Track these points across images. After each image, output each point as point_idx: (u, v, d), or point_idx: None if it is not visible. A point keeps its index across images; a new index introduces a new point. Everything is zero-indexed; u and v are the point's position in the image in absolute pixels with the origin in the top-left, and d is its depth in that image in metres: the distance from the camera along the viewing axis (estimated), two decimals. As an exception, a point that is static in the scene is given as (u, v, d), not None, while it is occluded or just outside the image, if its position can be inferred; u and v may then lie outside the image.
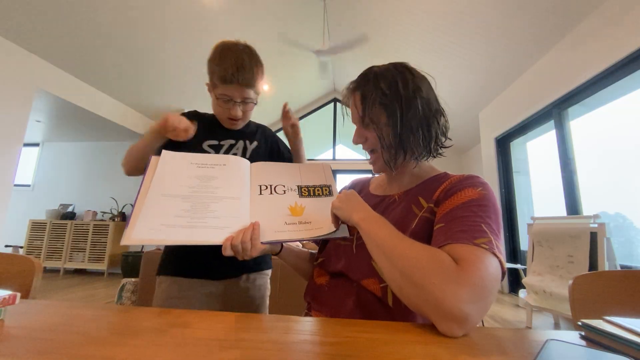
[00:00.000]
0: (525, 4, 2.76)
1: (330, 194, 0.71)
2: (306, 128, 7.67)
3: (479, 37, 3.33)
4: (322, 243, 0.75)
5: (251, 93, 0.86)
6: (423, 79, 0.63)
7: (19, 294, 0.42)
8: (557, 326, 2.51)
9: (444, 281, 0.40)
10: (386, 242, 0.49)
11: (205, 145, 0.89)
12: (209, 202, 0.62)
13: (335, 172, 6.50)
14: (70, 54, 3.31)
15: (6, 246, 4.71)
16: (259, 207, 0.65)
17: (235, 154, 0.90)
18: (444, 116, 0.62)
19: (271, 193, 0.68)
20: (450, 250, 0.45)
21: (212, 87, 0.86)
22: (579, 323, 0.39)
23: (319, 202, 0.68)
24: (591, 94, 2.70)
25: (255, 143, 0.95)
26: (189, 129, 0.78)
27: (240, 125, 0.93)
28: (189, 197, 0.61)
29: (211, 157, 0.70)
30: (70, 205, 5.17)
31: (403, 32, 3.89)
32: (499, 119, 4.07)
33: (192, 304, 0.82)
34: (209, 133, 0.90)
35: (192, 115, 0.93)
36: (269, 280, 0.97)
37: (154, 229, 0.55)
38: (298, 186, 0.71)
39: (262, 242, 0.58)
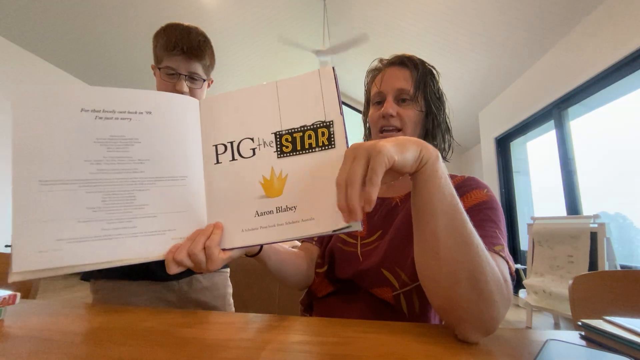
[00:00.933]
0: (525, 3, 2.76)
1: (330, 144, 0.40)
2: (306, 128, 7.59)
3: (479, 36, 3.33)
4: (320, 244, 0.68)
5: (199, 68, 0.77)
6: None
7: (19, 294, 0.42)
8: (557, 326, 2.50)
9: (502, 303, 0.37)
10: (465, 221, 0.37)
11: None
12: (133, 189, 0.38)
13: (335, 172, 6.47)
14: (70, 54, 3.32)
15: (6, 246, 4.70)
16: (217, 189, 0.42)
17: None
18: (451, 132, 0.70)
19: (234, 158, 0.42)
20: None
21: (156, 62, 0.78)
22: (579, 323, 0.39)
23: (310, 163, 0.40)
24: (591, 94, 2.70)
25: None
26: None
27: None
28: (95, 182, 0.37)
29: (120, 95, 0.40)
30: (70, 205, 5.17)
31: (403, 32, 3.89)
32: (499, 119, 4.07)
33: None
34: None
35: None
36: (228, 278, 0.91)
37: (47, 250, 0.34)
38: (276, 134, 0.42)
39: (223, 249, 0.41)
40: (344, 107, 0.45)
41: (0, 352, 0.31)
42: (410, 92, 0.60)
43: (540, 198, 3.72)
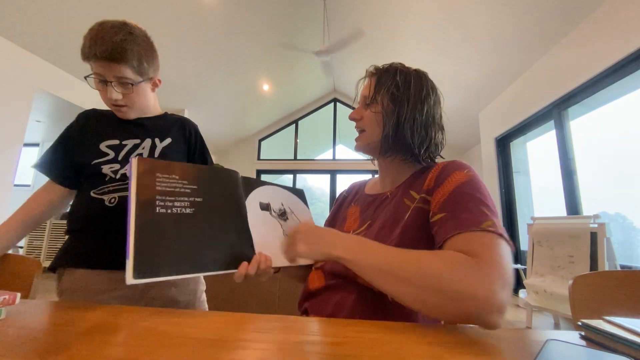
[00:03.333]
0: (525, 3, 2.76)
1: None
2: (306, 128, 7.56)
3: (479, 37, 3.33)
4: None
5: (126, 71, 0.71)
6: (435, 91, 0.66)
7: (19, 294, 0.42)
8: (557, 326, 2.50)
9: (473, 277, 0.40)
10: (390, 263, 0.45)
11: (103, 146, 0.77)
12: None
13: (335, 172, 6.50)
14: (70, 54, 3.31)
15: (6, 246, 4.70)
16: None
17: (140, 154, 0.79)
18: (442, 132, 0.66)
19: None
20: (462, 240, 0.45)
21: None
22: (579, 323, 0.39)
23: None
24: (591, 94, 2.70)
25: (168, 140, 0.83)
26: None
27: (129, 113, 0.80)
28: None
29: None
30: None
31: (403, 33, 3.89)
32: (499, 119, 4.07)
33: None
34: (109, 132, 0.80)
35: (87, 115, 0.84)
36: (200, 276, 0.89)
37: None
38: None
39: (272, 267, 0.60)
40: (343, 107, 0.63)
41: (0, 352, 0.31)
42: (369, 97, 0.66)
43: (540, 198, 3.72)
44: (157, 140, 0.81)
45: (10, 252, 0.77)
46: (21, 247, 4.69)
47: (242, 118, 6.11)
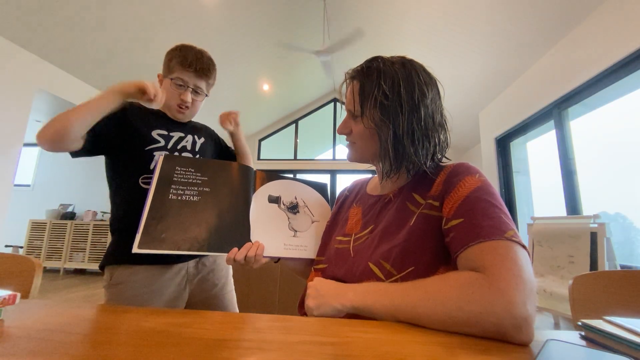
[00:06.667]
0: (525, 3, 2.76)
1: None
2: (306, 128, 7.53)
3: (479, 36, 3.33)
4: (322, 245, 0.74)
5: (203, 84, 0.92)
6: (431, 85, 0.59)
7: (19, 294, 0.42)
8: (557, 326, 2.50)
9: (490, 295, 0.39)
10: (398, 306, 0.44)
11: (154, 133, 0.90)
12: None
13: (335, 172, 6.50)
14: (70, 54, 3.31)
15: (6, 246, 4.70)
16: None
17: (184, 147, 0.93)
18: (445, 130, 0.60)
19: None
20: (486, 248, 0.44)
21: (167, 73, 0.90)
22: (579, 323, 0.39)
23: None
24: (591, 94, 2.70)
25: (202, 139, 0.99)
26: (161, 96, 0.80)
27: (186, 115, 0.95)
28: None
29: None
30: (70, 205, 5.17)
31: (403, 32, 3.89)
32: (499, 119, 4.07)
33: (161, 294, 0.83)
34: (158, 123, 0.92)
35: (133, 104, 0.92)
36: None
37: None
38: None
39: (264, 256, 0.64)
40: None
41: (0, 352, 0.31)
42: (356, 110, 0.60)
43: (540, 198, 3.72)
44: (196, 137, 0.97)
45: (10, 252, 0.77)
46: (21, 247, 4.69)
47: (242, 118, 6.02)
